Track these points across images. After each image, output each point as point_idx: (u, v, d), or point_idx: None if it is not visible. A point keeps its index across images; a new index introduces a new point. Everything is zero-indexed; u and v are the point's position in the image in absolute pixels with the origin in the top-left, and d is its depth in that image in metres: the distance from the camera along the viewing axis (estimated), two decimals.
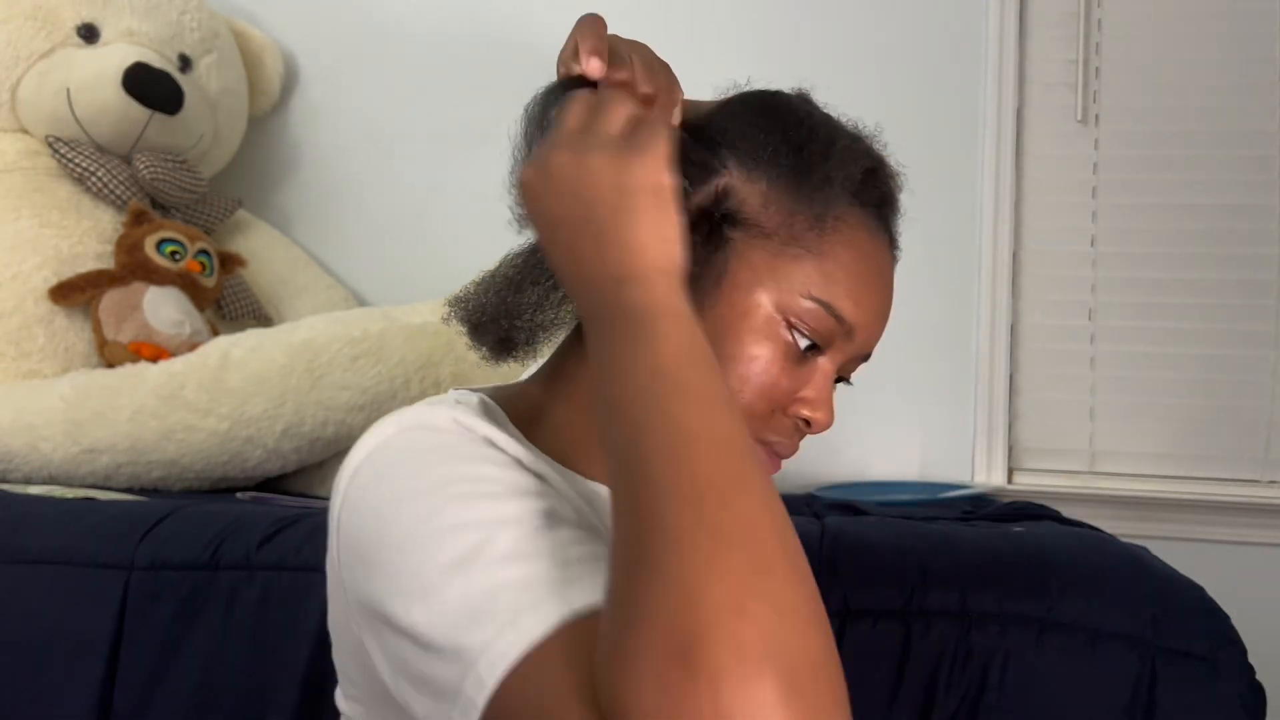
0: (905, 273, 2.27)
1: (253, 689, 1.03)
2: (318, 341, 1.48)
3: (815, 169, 0.65)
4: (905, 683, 0.97)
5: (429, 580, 0.51)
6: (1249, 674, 0.96)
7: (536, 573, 0.50)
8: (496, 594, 0.50)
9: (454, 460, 0.57)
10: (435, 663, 0.51)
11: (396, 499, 0.56)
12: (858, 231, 0.66)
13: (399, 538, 0.54)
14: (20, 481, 1.43)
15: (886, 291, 0.68)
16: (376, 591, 0.55)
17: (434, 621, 0.51)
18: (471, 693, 0.49)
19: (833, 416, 0.66)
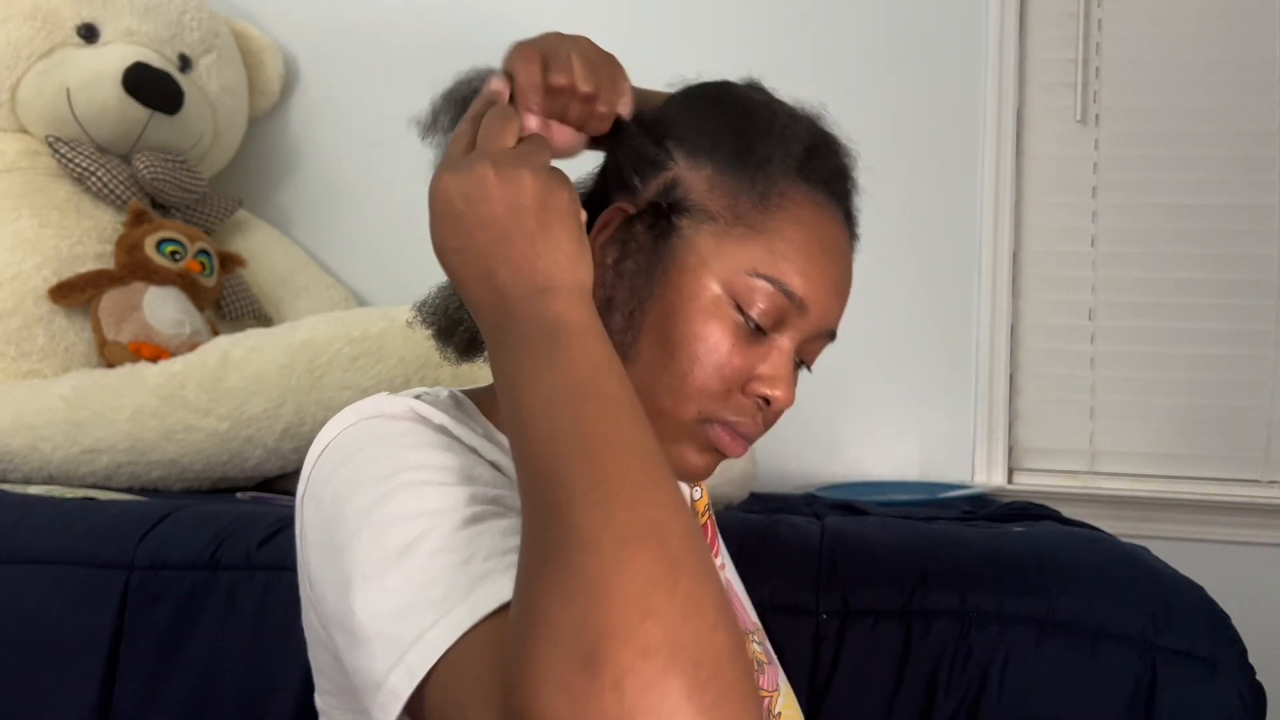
0: (906, 273, 2.28)
1: (253, 689, 1.03)
2: (318, 341, 1.48)
3: (756, 149, 0.66)
4: (905, 683, 0.97)
5: (370, 569, 0.52)
6: (1249, 674, 0.96)
7: (476, 568, 0.50)
8: (432, 585, 0.50)
9: (406, 448, 0.58)
10: (369, 652, 0.51)
11: (349, 487, 0.57)
12: (804, 208, 0.66)
13: (348, 526, 0.55)
14: (20, 481, 1.43)
15: (839, 266, 0.68)
16: (327, 583, 0.56)
17: (370, 611, 0.51)
18: (397, 684, 0.49)
19: (792, 394, 0.66)
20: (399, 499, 0.54)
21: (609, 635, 0.41)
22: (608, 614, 0.41)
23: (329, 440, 0.61)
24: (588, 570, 0.43)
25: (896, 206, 1.98)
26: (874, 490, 1.83)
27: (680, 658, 0.41)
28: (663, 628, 0.41)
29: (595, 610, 0.42)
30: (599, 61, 0.65)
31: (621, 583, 0.42)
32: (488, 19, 2.08)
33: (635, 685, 0.40)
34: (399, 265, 2.15)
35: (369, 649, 0.51)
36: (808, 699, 0.99)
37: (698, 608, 0.43)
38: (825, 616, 1.00)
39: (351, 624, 0.52)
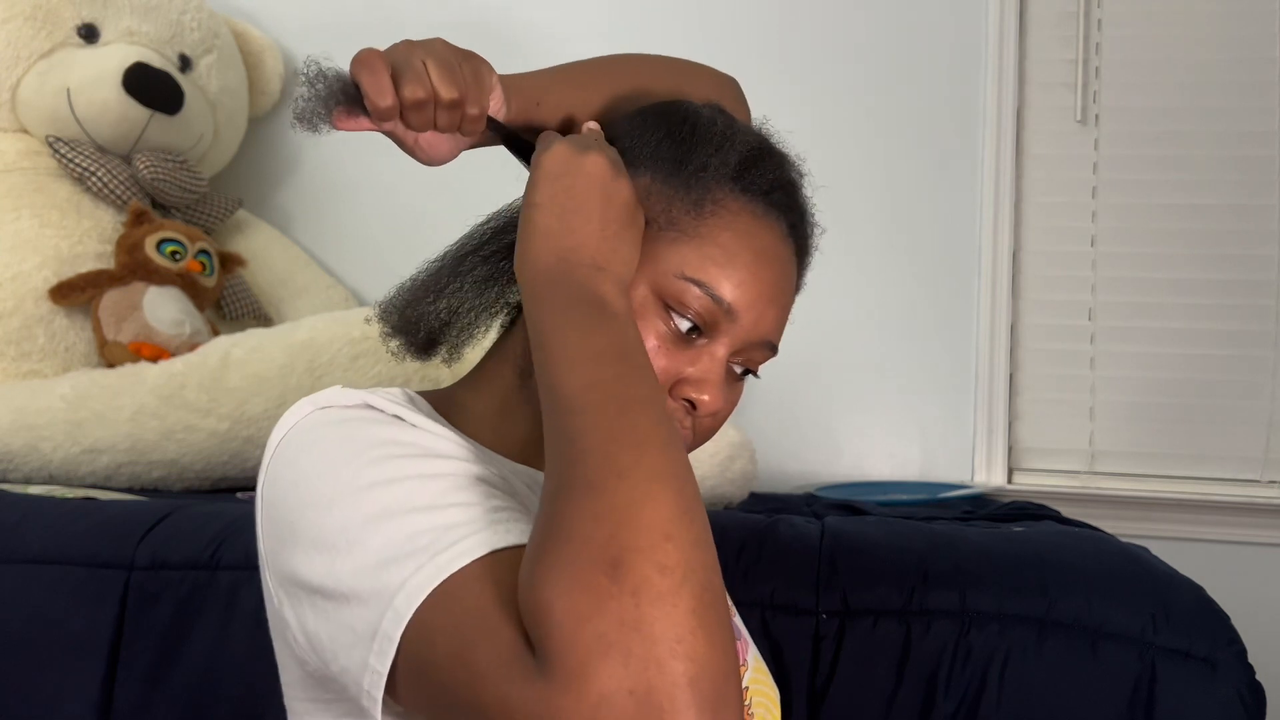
0: (906, 273, 2.28)
1: (253, 689, 1.03)
2: (318, 341, 1.48)
3: (692, 158, 0.68)
4: (905, 683, 0.97)
5: (352, 535, 0.54)
6: (1249, 674, 0.96)
7: (456, 518, 0.53)
8: (416, 537, 0.52)
9: (371, 428, 0.60)
10: (356, 610, 0.52)
11: (316, 467, 0.58)
12: (740, 217, 0.67)
13: (321, 502, 0.56)
14: (20, 481, 1.43)
15: (774, 275, 0.68)
16: (297, 557, 0.57)
17: (355, 570, 0.53)
18: (388, 628, 0.51)
19: (720, 398, 0.67)
20: (370, 471, 0.56)
21: (633, 550, 0.46)
22: (634, 532, 0.46)
23: (286, 430, 0.62)
24: (619, 496, 0.48)
25: (896, 206, 1.98)
26: (874, 490, 1.83)
27: (691, 580, 0.46)
28: (680, 552, 0.46)
29: (623, 528, 0.46)
30: (457, 62, 0.67)
31: (648, 509, 0.47)
32: (488, 19, 2.08)
33: (650, 594, 0.45)
34: (399, 265, 2.14)
35: (357, 604, 0.52)
36: (807, 699, 0.99)
37: (706, 544, 0.48)
38: (825, 616, 1.00)
39: (333, 587, 0.54)
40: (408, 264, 0.78)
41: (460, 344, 0.75)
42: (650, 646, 0.44)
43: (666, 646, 0.44)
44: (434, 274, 0.74)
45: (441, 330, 0.73)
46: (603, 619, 0.44)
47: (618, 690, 0.43)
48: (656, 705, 0.43)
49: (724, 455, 1.44)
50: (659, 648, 0.44)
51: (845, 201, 1.97)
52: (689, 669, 0.44)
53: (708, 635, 0.45)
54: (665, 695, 0.43)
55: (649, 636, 0.44)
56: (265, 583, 0.63)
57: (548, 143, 0.66)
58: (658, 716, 0.43)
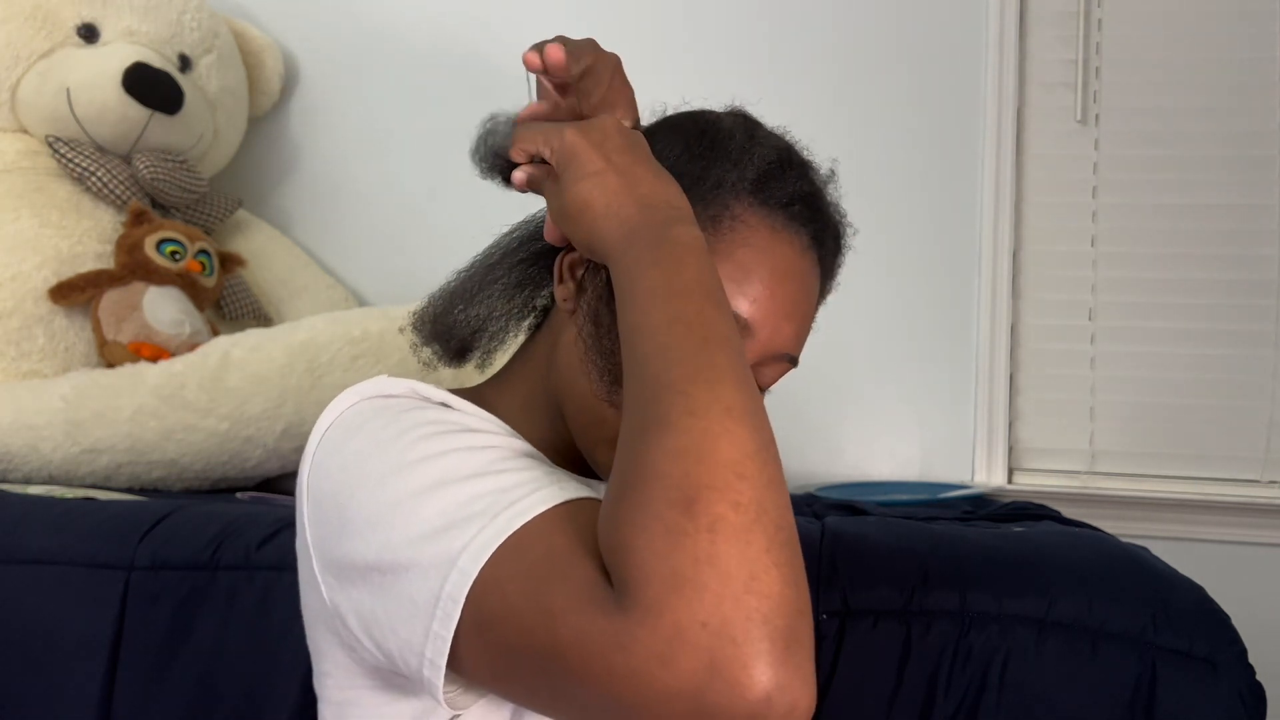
0: (906, 273, 2.28)
1: (253, 689, 1.03)
2: (318, 341, 1.48)
3: (709, 174, 0.68)
4: (905, 683, 0.97)
5: (404, 507, 0.54)
6: (1249, 674, 0.96)
7: (512, 481, 0.54)
8: (473, 501, 0.53)
9: (417, 412, 0.61)
10: (414, 580, 0.53)
11: (364, 451, 0.59)
12: (757, 231, 0.67)
13: (370, 481, 0.57)
14: (20, 481, 1.43)
15: (792, 289, 0.68)
16: (349, 540, 0.57)
17: (412, 539, 0.53)
18: (452, 589, 0.51)
19: None
20: (420, 446, 0.57)
21: (708, 487, 0.47)
22: (710, 470, 0.47)
23: (333, 419, 0.62)
24: (694, 433, 0.48)
25: (897, 206, 1.98)
26: (874, 490, 1.83)
27: (764, 519, 0.47)
28: (753, 490, 0.47)
29: (699, 466, 0.47)
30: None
31: (722, 446, 0.48)
32: (487, 20, 2.08)
33: (726, 531, 0.46)
34: (399, 265, 2.15)
35: (416, 573, 0.53)
36: None
37: (779, 483, 0.49)
38: (825, 616, 1.00)
39: (390, 560, 0.54)
40: (407, 264, 0.79)
41: (492, 350, 0.76)
42: (725, 582, 0.44)
43: (741, 582, 0.45)
44: (464, 283, 0.75)
45: (473, 337, 0.75)
46: (679, 554, 0.45)
47: (692, 623, 0.44)
48: (730, 638, 0.44)
49: None
50: (733, 583, 0.45)
51: (845, 201, 1.96)
52: (762, 605, 0.44)
53: (780, 573, 0.46)
54: (739, 629, 0.44)
55: (723, 572, 0.45)
56: (310, 572, 0.63)
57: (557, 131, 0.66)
58: (731, 650, 0.44)
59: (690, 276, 0.57)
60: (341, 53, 2.14)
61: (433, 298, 0.76)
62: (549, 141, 0.66)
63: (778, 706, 0.44)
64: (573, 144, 0.64)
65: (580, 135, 0.64)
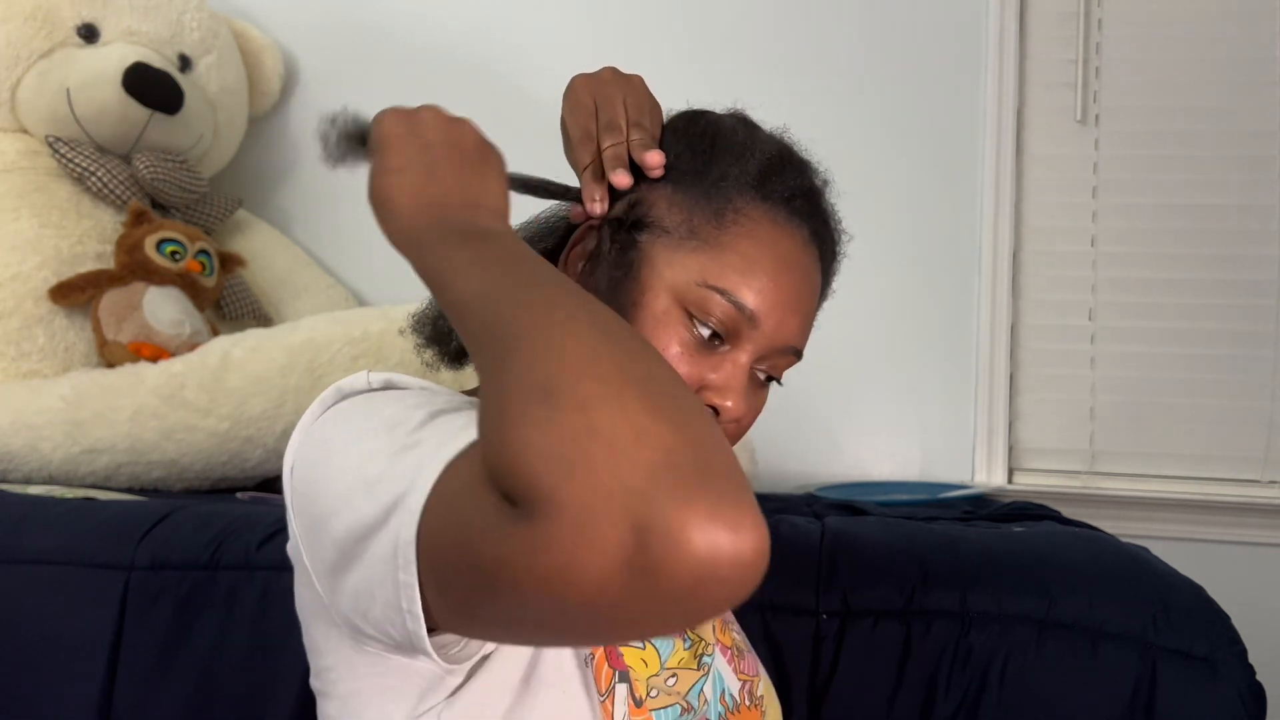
0: (906, 273, 2.27)
1: (253, 689, 1.03)
2: (318, 341, 1.48)
3: (712, 168, 0.69)
4: (905, 683, 0.97)
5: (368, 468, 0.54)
6: (1249, 674, 0.96)
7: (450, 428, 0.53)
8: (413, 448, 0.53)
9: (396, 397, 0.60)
10: (379, 535, 0.52)
11: (335, 438, 0.59)
12: (760, 224, 0.68)
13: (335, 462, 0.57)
14: (20, 481, 1.43)
15: (796, 281, 0.69)
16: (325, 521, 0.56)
17: (362, 502, 0.53)
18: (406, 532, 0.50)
19: (742, 405, 0.68)
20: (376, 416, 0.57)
21: (564, 372, 0.44)
22: (560, 361, 0.45)
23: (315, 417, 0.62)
24: (535, 343, 0.46)
25: (897, 206, 1.98)
26: (874, 490, 1.83)
27: (631, 379, 0.44)
28: (612, 363, 0.45)
29: (548, 361, 0.45)
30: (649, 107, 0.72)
31: (569, 342, 0.46)
32: (487, 20, 2.08)
33: (595, 401, 0.43)
34: (399, 265, 2.15)
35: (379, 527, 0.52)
36: (808, 699, 0.99)
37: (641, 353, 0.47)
38: (825, 616, 1.00)
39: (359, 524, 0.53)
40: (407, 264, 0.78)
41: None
42: (612, 447, 0.42)
43: (629, 440, 0.42)
44: None
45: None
46: (556, 441, 0.42)
47: (596, 498, 0.41)
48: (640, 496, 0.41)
49: None
50: (621, 444, 0.42)
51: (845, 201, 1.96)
52: (658, 455, 0.42)
53: (669, 422, 0.43)
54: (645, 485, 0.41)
55: (607, 439, 0.42)
56: (304, 569, 0.63)
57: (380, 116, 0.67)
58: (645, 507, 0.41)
59: (494, 254, 0.55)
60: (341, 53, 2.14)
61: (431, 300, 0.76)
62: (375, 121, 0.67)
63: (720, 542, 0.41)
64: (385, 133, 0.64)
65: (395, 124, 0.64)
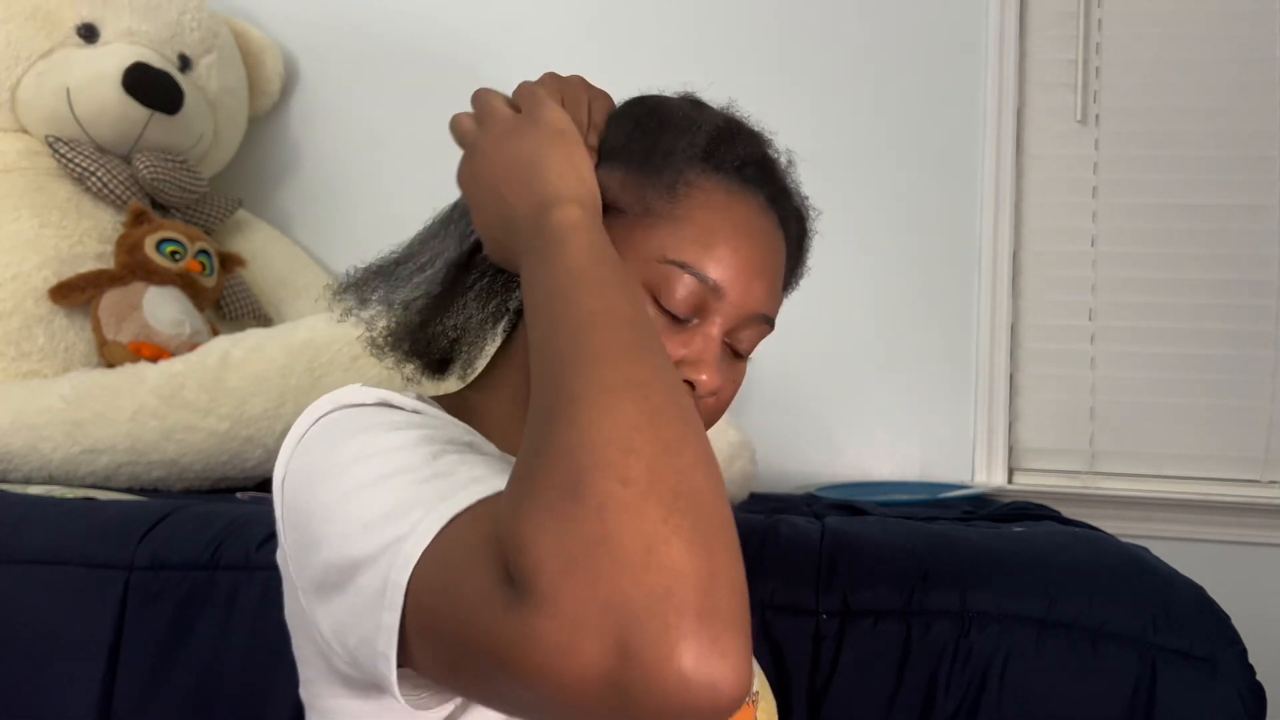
0: (906, 273, 2.27)
1: (253, 689, 1.03)
2: (318, 341, 1.48)
3: (659, 144, 0.68)
4: (905, 683, 0.97)
5: (354, 499, 0.54)
6: (1249, 674, 0.96)
7: (456, 477, 0.53)
8: (419, 486, 0.52)
9: (385, 418, 0.60)
10: (366, 572, 0.51)
11: (330, 455, 0.58)
12: (714, 194, 0.68)
13: (328, 480, 0.56)
14: (20, 481, 1.43)
15: (756, 248, 0.68)
16: (314, 541, 0.56)
17: (362, 526, 0.52)
18: (396, 575, 0.50)
19: (717, 377, 0.67)
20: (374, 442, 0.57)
21: (592, 468, 0.44)
22: (591, 451, 0.45)
23: (306, 428, 0.62)
24: (574, 418, 0.46)
25: (897, 206, 1.98)
26: (874, 490, 1.83)
27: (659, 488, 0.44)
28: (643, 463, 0.44)
29: (580, 448, 0.45)
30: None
31: (605, 425, 0.46)
32: (486, 20, 2.08)
33: (615, 508, 0.43)
34: None
35: (368, 565, 0.51)
36: (808, 699, 0.99)
37: (677, 449, 0.46)
38: (825, 616, 1.00)
39: (347, 557, 0.53)
40: None
41: (472, 358, 0.76)
42: (619, 560, 0.42)
43: (637, 557, 0.42)
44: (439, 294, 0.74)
45: (452, 347, 0.75)
46: (570, 539, 0.43)
47: (590, 607, 0.41)
48: (633, 617, 0.41)
49: (724, 455, 1.44)
50: (628, 559, 0.42)
51: (845, 201, 1.96)
52: (663, 578, 0.41)
53: (683, 541, 0.43)
54: (641, 606, 0.41)
55: (616, 550, 0.42)
56: (288, 577, 0.63)
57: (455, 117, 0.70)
58: (635, 629, 0.41)
59: (558, 274, 0.55)
60: (341, 53, 2.14)
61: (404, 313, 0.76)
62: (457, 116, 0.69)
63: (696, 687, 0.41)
64: (457, 123, 0.67)
65: (467, 115, 0.68)
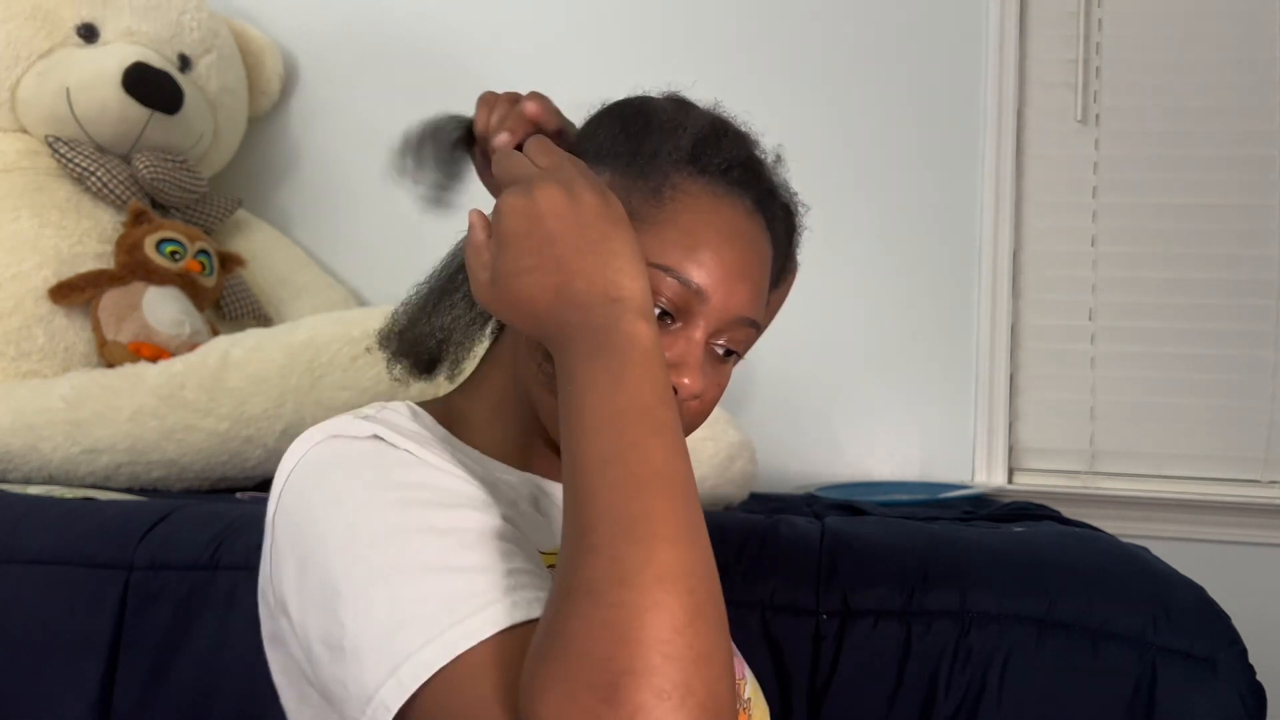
0: (906, 273, 2.27)
1: (253, 689, 1.03)
2: (318, 341, 1.48)
3: (643, 147, 0.68)
4: (905, 683, 0.97)
5: (358, 587, 0.53)
6: (1249, 674, 0.96)
7: (471, 586, 0.52)
8: (425, 601, 0.51)
9: (386, 467, 0.59)
10: (352, 667, 0.52)
11: (329, 505, 0.57)
12: (699, 198, 0.67)
13: (330, 545, 0.55)
14: (20, 481, 1.43)
15: (740, 251, 0.67)
16: (302, 599, 0.56)
17: (360, 628, 0.52)
18: (387, 697, 0.50)
19: (699, 381, 0.66)
20: (382, 516, 0.55)
21: (631, 673, 0.44)
22: (633, 653, 0.45)
23: (296, 460, 0.61)
24: (622, 605, 0.46)
25: (897, 207, 1.98)
26: (874, 490, 1.83)
27: (690, 701, 0.45)
28: (680, 672, 0.45)
29: (622, 648, 0.45)
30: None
31: (650, 622, 0.46)
32: (486, 20, 2.08)
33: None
34: (399, 265, 2.14)
35: (358, 662, 0.52)
36: (808, 699, 0.99)
37: (710, 658, 0.46)
38: (825, 616, 1.00)
39: (339, 638, 0.53)
40: (407, 264, 0.79)
41: (459, 359, 0.76)
42: None
43: None
44: (426, 295, 0.75)
45: (440, 348, 0.74)
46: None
47: None
48: None
49: (724, 455, 1.44)
50: None
51: (845, 201, 1.97)
52: None
53: None
54: None
55: None
56: (267, 602, 0.62)
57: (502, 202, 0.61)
58: None
59: (629, 396, 0.53)
60: (341, 53, 2.14)
61: (395, 314, 0.76)
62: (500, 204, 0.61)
63: None
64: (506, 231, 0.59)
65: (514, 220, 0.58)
